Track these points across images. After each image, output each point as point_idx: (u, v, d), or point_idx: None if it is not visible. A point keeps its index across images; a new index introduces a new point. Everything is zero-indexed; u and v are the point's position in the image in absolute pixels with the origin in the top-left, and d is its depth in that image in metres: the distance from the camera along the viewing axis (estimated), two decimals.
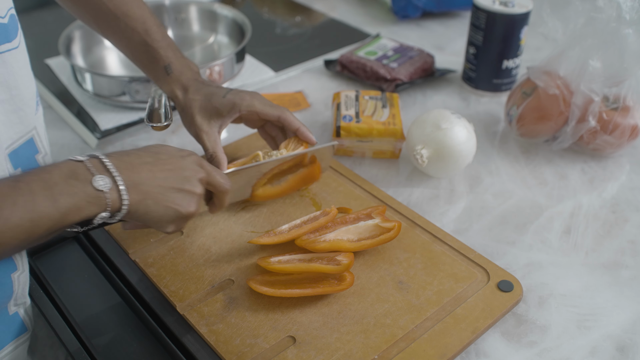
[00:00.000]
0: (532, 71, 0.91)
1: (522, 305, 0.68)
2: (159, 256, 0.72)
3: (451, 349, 0.62)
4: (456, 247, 0.73)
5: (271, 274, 0.68)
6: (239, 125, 0.95)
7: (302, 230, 0.71)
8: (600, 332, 0.66)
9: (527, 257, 0.75)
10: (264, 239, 0.71)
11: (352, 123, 0.88)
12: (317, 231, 0.71)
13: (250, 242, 0.71)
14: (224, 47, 1.17)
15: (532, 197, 0.84)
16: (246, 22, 1.11)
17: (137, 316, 0.67)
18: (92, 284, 0.72)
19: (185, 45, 1.17)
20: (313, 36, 1.27)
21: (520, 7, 0.98)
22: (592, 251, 0.76)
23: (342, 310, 0.65)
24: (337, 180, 0.84)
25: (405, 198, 0.83)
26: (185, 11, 1.19)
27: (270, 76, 1.10)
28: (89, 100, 1.02)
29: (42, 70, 1.10)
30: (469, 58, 1.06)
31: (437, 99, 1.06)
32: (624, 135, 0.87)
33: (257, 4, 1.43)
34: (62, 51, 1.01)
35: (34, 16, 1.34)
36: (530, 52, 1.13)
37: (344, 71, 1.11)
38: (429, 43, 1.24)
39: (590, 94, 0.86)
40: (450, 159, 0.83)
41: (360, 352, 0.61)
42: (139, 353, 0.64)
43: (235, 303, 0.66)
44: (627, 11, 0.83)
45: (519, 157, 0.92)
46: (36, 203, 0.49)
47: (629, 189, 0.86)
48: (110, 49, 1.12)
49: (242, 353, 0.61)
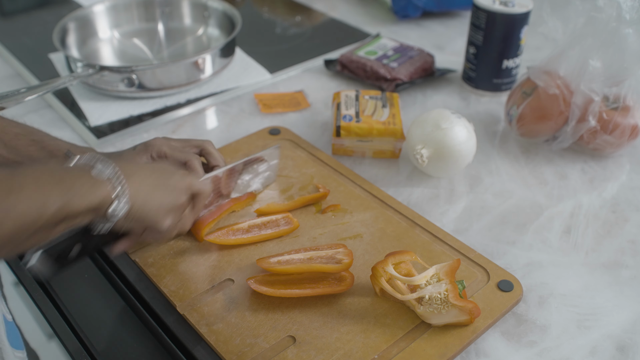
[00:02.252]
0: (532, 71, 0.91)
1: (522, 305, 0.68)
2: (159, 256, 0.72)
3: (451, 348, 0.62)
4: (456, 247, 0.73)
5: (271, 274, 0.68)
6: (238, 125, 0.95)
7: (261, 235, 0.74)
8: (600, 332, 0.66)
9: (527, 257, 0.75)
10: (221, 238, 0.72)
11: (352, 123, 0.88)
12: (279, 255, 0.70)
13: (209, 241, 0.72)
14: (214, 40, 1.18)
15: (532, 197, 0.84)
16: (236, 14, 1.12)
17: (137, 316, 0.67)
18: (92, 284, 0.72)
19: (176, 37, 1.20)
20: (313, 36, 1.27)
21: (520, 7, 0.98)
22: (592, 251, 0.76)
23: (342, 310, 0.65)
24: (337, 180, 0.84)
25: (405, 198, 0.83)
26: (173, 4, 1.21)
27: (266, 78, 1.10)
28: (86, 92, 1.03)
29: (43, 70, 1.10)
30: (469, 58, 1.06)
31: (437, 99, 1.06)
32: (624, 135, 0.87)
33: (257, 4, 1.43)
34: (56, 43, 1.01)
35: (34, 16, 1.34)
36: (530, 52, 1.13)
37: (344, 71, 1.11)
38: (429, 43, 1.24)
39: (590, 93, 0.86)
40: (450, 158, 0.83)
41: (360, 352, 0.61)
42: (139, 353, 0.64)
43: (235, 303, 0.66)
44: (627, 11, 0.83)
45: (519, 157, 0.92)
46: (40, 188, 0.49)
47: (629, 189, 0.86)
48: (104, 41, 1.14)
49: (242, 353, 0.61)
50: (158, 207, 0.60)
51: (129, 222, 0.59)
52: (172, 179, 0.63)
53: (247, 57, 1.16)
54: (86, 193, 0.53)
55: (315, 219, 0.78)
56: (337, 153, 0.91)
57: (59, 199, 0.50)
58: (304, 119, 1.00)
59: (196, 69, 1.03)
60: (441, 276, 0.64)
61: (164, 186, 0.62)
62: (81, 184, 0.53)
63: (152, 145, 0.73)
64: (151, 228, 0.62)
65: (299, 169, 0.86)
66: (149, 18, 1.20)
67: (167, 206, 0.61)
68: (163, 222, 0.61)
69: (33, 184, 0.49)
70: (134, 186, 0.57)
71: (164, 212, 0.61)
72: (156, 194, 0.60)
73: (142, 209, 0.59)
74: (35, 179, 0.50)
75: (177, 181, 0.63)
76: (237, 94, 1.06)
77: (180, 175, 0.64)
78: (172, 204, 0.62)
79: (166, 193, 0.61)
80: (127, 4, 1.18)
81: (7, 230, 0.47)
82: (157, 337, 0.65)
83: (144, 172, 0.61)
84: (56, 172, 0.53)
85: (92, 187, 0.54)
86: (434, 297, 0.62)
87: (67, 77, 0.95)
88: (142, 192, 0.58)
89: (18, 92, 0.87)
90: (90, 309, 0.68)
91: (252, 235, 0.74)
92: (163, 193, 0.61)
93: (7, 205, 0.47)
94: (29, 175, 0.50)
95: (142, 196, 0.58)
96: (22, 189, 0.48)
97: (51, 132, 0.74)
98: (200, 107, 1.03)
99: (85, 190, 0.53)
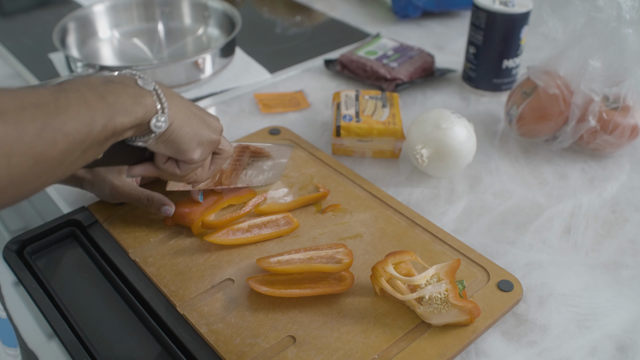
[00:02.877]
0: (532, 71, 0.91)
1: (522, 305, 0.68)
2: (159, 256, 0.72)
3: (451, 348, 0.62)
4: (456, 247, 0.73)
5: (271, 274, 0.68)
6: (238, 124, 0.95)
7: (261, 234, 0.73)
8: (600, 332, 0.66)
9: (527, 257, 0.75)
10: (221, 238, 0.72)
11: (352, 123, 0.88)
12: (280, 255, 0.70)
13: (210, 241, 0.72)
14: (214, 39, 1.18)
15: (532, 197, 0.84)
16: (236, 14, 1.12)
17: (137, 316, 0.67)
18: (92, 283, 0.72)
19: (176, 37, 1.20)
20: (313, 36, 1.27)
21: (520, 7, 0.98)
22: (592, 251, 0.76)
23: (342, 310, 0.65)
24: (337, 180, 0.84)
25: (405, 198, 0.83)
26: (173, 4, 1.21)
27: (266, 78, 1.10)
28: None
29: (43, 70, 1.10)
30: (469, 58, 1.06)
31: (437, 99, 1.06)
32: (624, 135, 0.87)
33: (257, 4, 1.43)
34: (56, 43, 1.01)
35: (34, 16, 1.34)
36: (530, 51, 1.13)
37: (344, 71, 1.11)
38: (429, 43, 1.24)
39: (590, 93, 0.86)
40: (450, 158, 0.83)
41: (360, 352, 0.61)
42: (139, 353, 0.64)
43: (235, 303, 0.66)
44: (627, 11, 0.83)
45: (519, 157, 0.92)
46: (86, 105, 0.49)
47: (629, 189, 0.86)
48: (104, 41, 1.14)
49: (242, 353, 0.61)
50: (193, 134, 0.61)
51: (163, 143, 0.60)
52: (209, 117, 0.65)
53: (247, 57, 1.16)
54: (131, 105, 0.54)
55: (315, 218, 0.78)
56: (337, 153, 0.91)
57: (105, 115, 0.51)
58: (304, 119, 1.00)
59: (196, 68, 1.03)
60: (441, 276, 0.64)
61: (201, 119, 0.63)
62: (126, 96, 0.54)
63: None
64: (180, 155, 0.62)
65: (299, 169, 0.86)
66: (149, 18, 1.21)
67: (202, 137, 0.62)
68: (193, 152, 0.62)
69: (79, 101, 0.49)
70: (174, 108, 0.59)
71: (197, 142, 0.62)
72: (193, 121, 0.62)
73: (179, 131, 0.60)
74: (79, 96, 0.50)
75: (213, 121, 0.65)
76: (237, 93, 1.06)
77: (214, 117, 0.66)
78: (207, 137, 0.63)
79: (203, 125, 0.63)
80: (127, 4, 1.18)
81: (59, 149, 0.47)
82: (157, 337, 0.65)
83: (182, 100, 0.62)
84: (99, 87, 0.53)
85: (137, 97, 0.54)
86: (434, 297, 0.62)
87: (67, 77, 0.95)
88: (181, 114, 0.60)
89: None
90: (90, 309, 0.68)
91: (252, 235, 0.74)
92: (200, 124, 0.62)
93: (57, 124, 0.47)
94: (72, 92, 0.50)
95: (180, 118, 0.60)
96: (68, 107, 0.48)
97: None
98: None
99: (130, 103, 0.54)
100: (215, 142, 0.65)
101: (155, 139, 0.59)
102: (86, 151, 0.51)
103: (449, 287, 0.63)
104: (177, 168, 0.65)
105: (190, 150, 0.62)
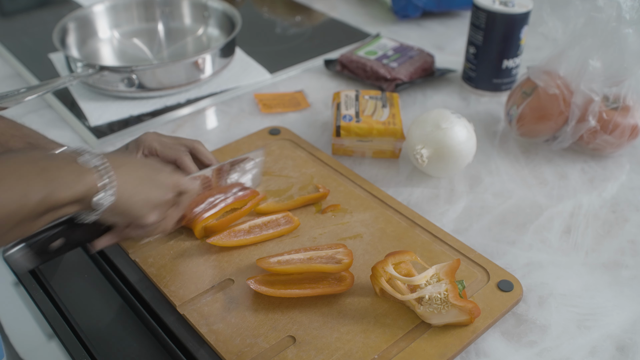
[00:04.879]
0: (532, 71, 0.91)
1: (522, 305, 0.68)
2: (159, 256, 0.72)
3: (451, 348, 0.62)
4: (456, 247, 0.73)
5: (271, 274, 0.68)
6: (238, 125, 0.95)
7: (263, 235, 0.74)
8: (600, 332, 0.66)
9: (527, 257, 0.75)
10: (224, 240, 0.72)
11: (352, 123, 0.88)
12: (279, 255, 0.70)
13: (212, 243, 0.72)
14: (214, 40, 1.18)
15: (532, 197, 0.84)
16: (236, 14, 1.12)
17: (137, 316, 0.67)
18: (93, 284, 0.72)
19: (176, 37, 1.20)
20: (313, 36, 1.27)
21: (520, 7, 0.98)
22: (592, 251, 0.76)
23: (342, 310, 0.65)
24: (337, 180, 0.84)
25: (405, 198, 0.83)
26: (173, 4, 1.21)
27: (266, 78, 1.10)
28: (86, 92, 1.03)
29: (43, 70, 1.10)
30: (469, 58, 1.06)
31: (437, 99, 1.06)
32: (624, 135, 0.87)
33: (257, 4, 1.43)
34: (56, 43, 1.01)
35: (34, 16, 1.34)
36: (530, 52, 1.13)
37: (344, 71, 1.11)
38: (429, 43, 1.24)
39: (590, 93, 0.86)
40: (450, 158, 0.83)
41: (360, 352, 0.61)
42: (139, 353, 0.64)
43: (235, 303, 0.66)
44: (627, 11, 0.83)
45: (519, 157, 0.92)
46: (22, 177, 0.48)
47: (629, 189, 0.86)
48: (104, 41, 1.14)
49: (242, 353, 0.61)
50: (144, 201, 0.60)
51: (114, 215, 0.59)
52: (160, 175, 0.63)
53: (247, 57, 1.16)
54: (71, 182, 0.52)
55: (315, 219, 0.78)
56: (337, 153, 0.91)
57: (43, 188, 0.50)
58: (304, 119, 1.00)
59: (196, 69, 1.03)
60: (441, 276, 0.64)
61: (152, 181, 0.61)
62: (67, 172, 0.52)
63: (143, 141, 0.73)
64: (135, 222, 0.62)
65: (299, 169, 0.86)
66: (149, 18, 1.20)
67: (154, 201, 0.61)
68: (148, 217, 0.61)
69: (14, 173, 0.48)
70: (122, 178, 0.57)
71: (149, 207, 0.61)
72: (143, 188, 0.60)
73: (128, 202, 0.58)
74: (16, 168, 0.49)
75: (165, 178, 0.63)
76: (237, 94, 1.06)
77: (168, 172, 0.64)
78: (159, 199, 0.62)
79: (153, 188, 0.61)
80: (127, 4, 1.18)
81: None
82: (157, 337, 0.65)
83: (132, 165, 0.61)
84: (39, 160, 0.52)
85: (78, 175, 0.53)
86: (434, 297, 0.62)
87: (67, 77, 0.95)
88: (129, 184, 0.58)
89: (18, 92, 0.88)
90: (90, 309, 0.68)
91: (253, 235, 0.74)
92: (150, 188, 0.61)
93: None
94: (9, 165, 0.49)
95: (129, 189, 0.58)
96: (2, 179, 0.48)
97: (51, 132, 0.74)
98: (200, 107, 1.03)
99: (70, 179, 0.52)
100: (169, 201, 0.64)
101: (106, 212, 0.57)
102: (20, 224, 0.50)
103: (448, 287, 0.63)
104: (139, 230, 0.64)
105: (144, 215, 0.61)
